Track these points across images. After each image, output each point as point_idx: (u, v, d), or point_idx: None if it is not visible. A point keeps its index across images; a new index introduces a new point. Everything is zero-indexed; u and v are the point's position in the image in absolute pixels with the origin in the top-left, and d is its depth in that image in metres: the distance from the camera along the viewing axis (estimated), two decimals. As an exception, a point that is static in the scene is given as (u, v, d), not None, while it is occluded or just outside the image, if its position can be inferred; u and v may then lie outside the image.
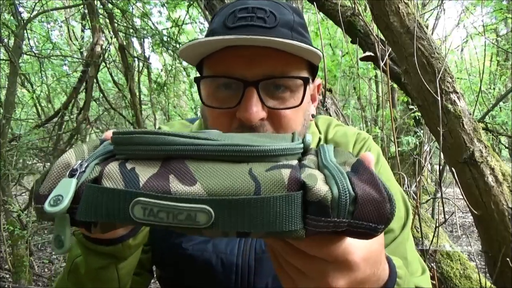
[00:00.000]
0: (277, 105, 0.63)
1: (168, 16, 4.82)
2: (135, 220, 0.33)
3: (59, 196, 0.35)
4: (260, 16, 0.62)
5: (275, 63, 0.61)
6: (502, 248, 1.51)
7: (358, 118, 6.71)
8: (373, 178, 0.35)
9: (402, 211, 0.72)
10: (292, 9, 0.68)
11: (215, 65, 0.64)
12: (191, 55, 0.65)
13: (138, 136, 0.38)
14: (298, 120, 0.66)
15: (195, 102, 6.77)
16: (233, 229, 0.33)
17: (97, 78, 4.28)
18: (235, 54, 0.61)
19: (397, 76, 2.27)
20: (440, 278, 1.64)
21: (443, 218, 1.68)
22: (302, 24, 0.68)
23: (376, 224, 0.34)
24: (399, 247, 0.67)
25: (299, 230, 0.33)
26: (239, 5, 0.64)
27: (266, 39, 0.57)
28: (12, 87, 3.36)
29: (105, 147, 0.42)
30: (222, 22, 0.64)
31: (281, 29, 0.62)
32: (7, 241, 3.62)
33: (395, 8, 1.68)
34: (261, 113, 0.61)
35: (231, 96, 0.63)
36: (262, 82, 0.61)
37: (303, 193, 0.33)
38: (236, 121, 0.62)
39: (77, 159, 0.40)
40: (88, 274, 0.61)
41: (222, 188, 0.33)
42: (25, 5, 4.10)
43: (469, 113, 1.63)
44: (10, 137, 3.76)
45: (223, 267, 0.69)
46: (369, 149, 0.77)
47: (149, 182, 0.35)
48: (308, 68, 0.68)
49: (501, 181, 1.54)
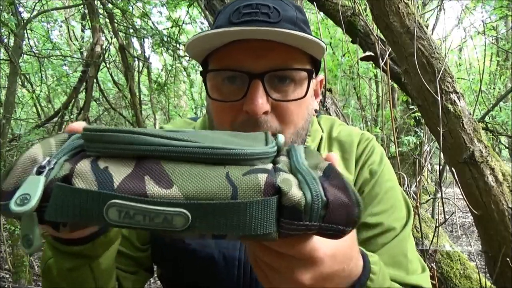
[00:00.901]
0: (281, 97, 0.64)
1: (168, 16, 4.82)
2: (109, 222, 0.33)
3: (26, 195, 0.33)
4: (264, 12, 0.63)
5: (280, 56, 0.63)
6: (502, 248, 1.51)
7: (358, 118, 6.71)
8: (343, 183, 0.37)
9: (403, 211, 0.73)
10: (294, 6, 0.69)
11: (221, 59, 0.65)
12: (197, 50, 0.66)
13: (110, 134, 0.36)
14: (301, 114, 0.67)
15: (195, 102, 6.77)
16: (209, 231, 0.33)
17: (97, 78, 4.28)
18: (240, 47, 0.62)
19: (397, 76, 2.27)
20: (440, 278, 1.64)
21: (443, 218, 1.68)
22: (304, 20, 0.69)
23: (344, 226, 0.36)
24: (399, 245, 0.68)
25: (273, 233, 0.35)
26: (243, 2, 0.65)
27: (272, 30, 0.58)
28: (12, 87, 3.36)
29: (73, 141, 0.40)
30: (227, 18, 0.65)
31: (284, 24, 0.64)
32: (7, 241, 3.62)
33: (395, 8, 1.68)
34: (266, 105, 0.62)
35: (236, 89, 0.64)
36: (267, 74, 0.62)
37: (278, 198, 0.34)
38: (241, 114, 0.63)
39: (44, 154, 0.38)
40: (60, 275, 0.59)
41: (199, 191, 0.33)
42: (25, 5, 4.10)
43: (469, 113, 1.63)
44: (10, 137, 3.76)
45: (225, 262, 0.69)
46: (373, 149, 0.77)
47: (124, 184, 0.34)
48: (311, 62, 0.69)
49: (501, 181, 1.54)
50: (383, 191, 0.72)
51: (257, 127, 0.63)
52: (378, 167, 0.74)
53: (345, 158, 0.75)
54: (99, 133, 0.37)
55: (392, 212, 0.71)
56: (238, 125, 0.64)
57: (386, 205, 0.71)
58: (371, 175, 0.74)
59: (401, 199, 0.75)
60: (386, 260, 0.64)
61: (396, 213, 0.72)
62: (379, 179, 0.73)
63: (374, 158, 0.76)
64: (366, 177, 0.74)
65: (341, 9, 2.26)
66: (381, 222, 0.69)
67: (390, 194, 0.73)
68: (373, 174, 0.74)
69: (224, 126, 0.66)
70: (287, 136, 0.66)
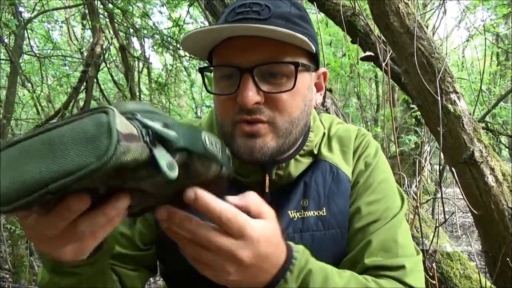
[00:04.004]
0: (272, 89, 0.68)
1: (168, 16, 4.82)
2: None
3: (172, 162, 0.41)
4: (255, 10, 0.67)
5: (268, 50, 0.66)
6: (502, 248, 1.51)
7: (359, 118, 6.71)
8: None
9: (397, 201, 0.77)
10: (290, 2, 0.72)
11: (217, 56, 0.71)
12: (194, 47, 0.71)
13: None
14: (296, 104, 0.70)
15: (195, 102, 6.77)
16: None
17: (97, 78, 4.28)
18: (232, 44, 0.67)
19: (397, 76, 2.27)
20: (440, 278, 1.64)
21: (443, 218, 1.68)
22: (300, 15, 0.71)
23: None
24: (390, 231, 0.72)
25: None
26: (239, 2, 0.70)
27: (253, 27, 0.62)
28: (13, 87, 3.36)
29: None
30: (224, 18, 0.71)
31: (275, 20, 0.67)
32: (7, 241, 3.62)
33: (395, 8, 1.68)
34: (256, 97, 0.66)
35: (231, 84, 0.68)
36: (256, 68, 0.66)
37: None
38: (237, 106, 0.67)
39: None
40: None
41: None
42: (26, 5, 4.10)
43: (469, 113, 1.63)
44: (10, 137, 3.76)
45: None
46: (368, 143, 0.82)
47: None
48: (306, 55, 0.71)
49: (501, 181, 1.54)
50: (377, 182, 0.77)
51: (251, 115, 0.67)
52: (373, 160, 0.79)
53: (344, 151, 0.80)
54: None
55: (385, 201, 0.75)
56: (235, 114, 0.68)
57: (379, 195, 0.75)
58: (366, 167, 0.78)
59: (395, 190, 0.78)
60: (376, 245, 0.69)
61: (389, 203, 0.75)
62: (374, 170, 0.78)
63: (369, 151, 0.80)
64: (361, 169, 0.78)
65: (341, 9, 2.26)
66: (373, 211, 0.73)
67: (384, 185, 0.77)
68: (368, 166, 0.78)
69: (226, 118, 0.70)
70: (281, 124, 0.69)
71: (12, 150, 0.39)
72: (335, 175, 0.77)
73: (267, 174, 0.74)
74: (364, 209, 0.74)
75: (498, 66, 7.00)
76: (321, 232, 0.74)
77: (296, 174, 0.76)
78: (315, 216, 0.74)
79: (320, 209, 0.75)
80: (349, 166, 0.78)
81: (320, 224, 0.74)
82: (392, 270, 0.67)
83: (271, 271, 0.53)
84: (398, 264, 0.68)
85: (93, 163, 0.36)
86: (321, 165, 0.78)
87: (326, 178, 0.77)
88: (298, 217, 0.74)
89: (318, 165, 0.78)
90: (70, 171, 0.36)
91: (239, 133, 0.68)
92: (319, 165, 0.78)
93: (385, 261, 0.68)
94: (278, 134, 0.69)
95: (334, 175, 0.77)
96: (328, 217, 0.74)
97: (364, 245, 0.71)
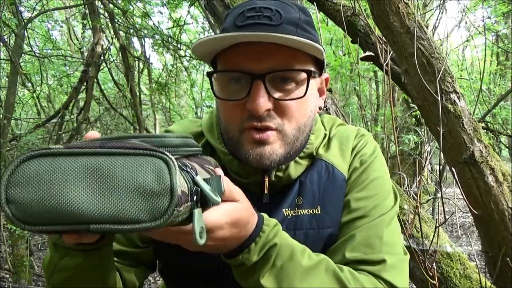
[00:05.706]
0: (283, 96, 0.68)
1: (169, 16, 4.82)
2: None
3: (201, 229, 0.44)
4: (267, 15, 0.67)
5: (281, 57, 0.66)
6: (502, 248, 1.51)
7: (359, 118, 6.71)
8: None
9: (389, 201, 0.77)
10: (298, 8, 0.72)
11: (226, 61, 0.70)
12: (203, 52, 0.70)
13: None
14: (303, 111, 0.70)
15: (196, 102, 6.76)
16: None
17: (97, 78, 4.28)
18: (244, 50, 0.66)
19: (397, 76, 2.26)
20: (440, 278, 1.64)
21: (443, 218, 1.68)
22: (307, 21, 0.72)
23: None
24: (375, 228, 0.72)
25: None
26: (248, 5, 0.69)
27: (270, 35, 0.62)
28: (13, 87, 3.36)
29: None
30: (233, 21, 0.69)
31: (286, 26, 0.67)
32: (7, 241, 3.62)
33: (395, 8, 1.68)
34: (267, 104, 0.66)
35: (240, 89, 0.68)
36: (268, 75, 0.66)
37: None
38: (245, 112, 0.67)
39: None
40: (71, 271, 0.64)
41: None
42: (26, 4, 4.10)
43: (469, 113, 1.63)
44: (10, 137, 3.76)
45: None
46: (366, 143, 0.82)
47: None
48: (314, 62, 0.72)
49: (501, 181, 1.54)
50: (370, 179, 0.77)
51: (261, 122, 0.67)
52: (369, 158, 0.80)
53: (342, 149, 0.81)
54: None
55: (375, 199, 0.75)
56: (243, 121, 0.68)
57: (370, 192, 0.76)
58: (361, 164, 0.79)
59: (388, 190, 0.79)
60: (360, 240, 0.69)
61: (379, 201, 0.75)
62: (368, 168, 0.79)
63: (366, 150, 0.81)
64: (356, 166, 0.79)
65: (341, 9, 2.25)
66: (362, 207, 0.74)
67: (376, 183, 0.77)
68: (363, 163, 0.79)
69: (233, 123, 0.70)
70: (289, 131, 0.69)
71: (44, 162, 0.35)
72: (330, 173, 0.77)
73: (266, 176, 0.74)
74: (353, 204, 0.74)
75: (498, 66, 6.99)
76: (315, 230, 0.74)
77: (295, 176, 0.77)
78: (309, 214, 0.75)
79: (314, 207, 0.75)
80: (346, 163, 0.79)
81: (314, 223, 0.74)
82: (371, 264, 0.68)
83: (237, 243, 0.58)
84: (379, 258, 0.68)
85: (146, 221, 0.34)
86: (317, 163, 0.78)
87: (322, 176, 0.77)
88: (292, 215, 0.75)
89: (314, 164, 0.78)
90: (118, 220, 0.33)
91: (248, 139, 0.68)
92: (315, 164, 0.78)
93: (366, 256, 0.68)
94: (286, 141, 0.69)
95: (329, 174, 0.77)
96: (322, 216, 0.75)
97: (347, 239, 0.71)
